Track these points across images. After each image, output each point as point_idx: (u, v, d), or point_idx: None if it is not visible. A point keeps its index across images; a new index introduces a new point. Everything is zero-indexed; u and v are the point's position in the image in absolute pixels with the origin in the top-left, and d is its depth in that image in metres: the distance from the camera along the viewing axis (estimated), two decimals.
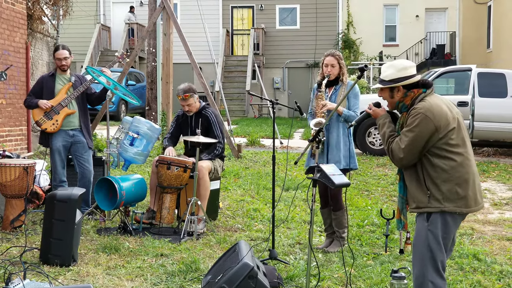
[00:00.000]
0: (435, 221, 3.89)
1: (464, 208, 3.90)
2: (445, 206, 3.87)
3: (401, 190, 4.14)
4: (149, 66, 14.90)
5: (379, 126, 4.15)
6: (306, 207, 8.08)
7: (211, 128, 7.10)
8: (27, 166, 6.56)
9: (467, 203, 3.91)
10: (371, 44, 26.94)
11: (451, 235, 3.97)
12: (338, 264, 5.70)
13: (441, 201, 3.87)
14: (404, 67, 4.04)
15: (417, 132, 3.85)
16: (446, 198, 3.87)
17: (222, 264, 4.89)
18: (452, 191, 3.87)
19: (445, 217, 3.89)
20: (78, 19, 20.56)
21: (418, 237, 3.98)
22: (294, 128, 19.94)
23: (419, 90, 4.01)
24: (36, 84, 7.29)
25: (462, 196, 3.88)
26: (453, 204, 3.87)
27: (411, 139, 3.86)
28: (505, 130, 13.40)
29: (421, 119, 3.84)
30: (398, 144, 3.92)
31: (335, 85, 6.20)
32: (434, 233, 3.89)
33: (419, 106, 3.90)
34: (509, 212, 8.55)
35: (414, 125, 3.86)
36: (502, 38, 23.23)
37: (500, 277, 5.52)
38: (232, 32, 28.28)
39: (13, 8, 10.21)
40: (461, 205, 3.89)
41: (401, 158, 3.92)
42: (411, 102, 4.00)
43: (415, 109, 3.90)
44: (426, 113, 3.85)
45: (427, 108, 3.87)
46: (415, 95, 4.00)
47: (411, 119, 3.89)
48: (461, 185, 3.87)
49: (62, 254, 5.36)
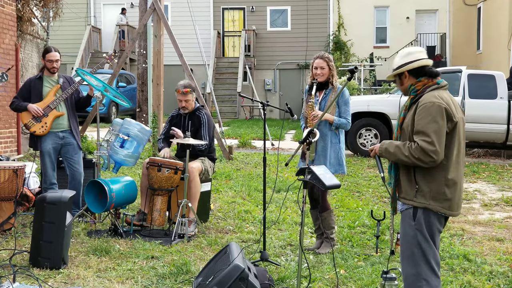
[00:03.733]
0: (420, 220, 3.85)
1: (447, 210, 3.86)
2: (430, 204, 3.82)
3: (394, 173, 4.00)
4: (140, 68, 14.86)
5: (387, 152, 3.92)
6: (297, 208, 8.08)
7: (200, 129, 7.12)
8: (17, 169, 6.53)
9: (451, 206, 3.87)
10: (362, 46, 27.00)
11: (436, 233, 3.91)
12: (329, 265, 5.71)
13: (427, 198, 3.83)
14: (408, 53, 4.01)
15: (434, 118, 3.73)
16: (432, 196, 3.82)
17: (213, 266, 4.89)
18: (440, 190, 3.83)
19: (429, 216, 3.84)
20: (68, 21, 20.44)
21: (406, 237, 3.92)
22: (285, 129, 19.94)
23: (433, 80, 3.93)
24: (23, 87, 7.19)
25: (448, 197, 3.84)
26: (439, 204, 3.83)
27: (434, 129, 3.72)
28: (495, 131, 13.47)
29: (434, 108, 3.75)
30: (424, 141, 3.72)
31: (325, 89, 6.19)
32: (421, 231, 3.85)
33: (427, 97, 3.82)
34: (499, 212, 8.58)
35: (430, 115, 3.75)
36: (492, 40, 23.34)
37: (490, 277, 5.54)
38: (223, 34, 28.28)
39: (2, 10, 10.16)
40: (446, 206, 3.84)
41: (434, 151, 3.70)
42: (422, 89, 3.92)
43: (424, 101, 3.81)
44: (435, 101, 3.77)
45: (435, 97, 3.80)
46: (427, 83, 3.93)
47: (423, 112, 3.77)
48: (449, 187, 3.84)
49: (52, 256, 5.34)
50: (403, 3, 27.50)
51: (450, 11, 27.55)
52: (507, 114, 13.38)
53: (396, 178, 4.02)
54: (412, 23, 27.79)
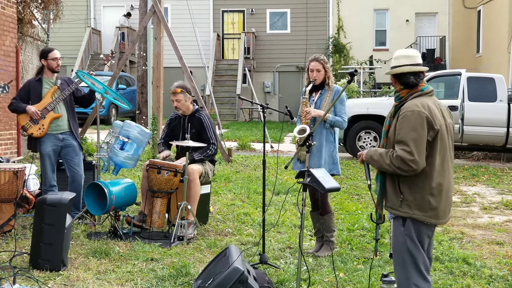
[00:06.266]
0: (410, 227, 3.84)
1: (433, 219, 3.84)
2: (414, 214, 3.81)
3: (380, 182, 4.00)
4: (140, 70, 14.87)
5: (372, 160, 3.93)
6: (297, 211, 8.08)
7: (204, 131, 7.10)
8: (17, 171, 6.53)
9: (437, 214, 3.85)
10: (361, 49, 27.00)
11: (426, 240, 3.91)
12: (328, 268, 5.71)
13: (411, 208, 3.81)
14: (397, 56, 4.00)
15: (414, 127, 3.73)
16: (417, 205, 3.81)
17: (212, 268, 4.89)
18: (425, 199, 3.81)
19: (417, 224, 3.84)
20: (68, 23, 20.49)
21: (396, 242, 3.94)
22: (284, 132, 19.94)
23: (417, 87, 3.91)
24: (22, 88, 7.19)
25: (433, 206, 3.82)
26: (423, 213, 3.81)
27: (413, 138, 3.72)
28: (495, 134, 13.47)
29: (414, 116, 3.74)
30: (403, 150, 3.74)
31: (321, 89, 6.23)
32: (411, 237, 3.85)
33: (409, 105, 3.81)
34: (499, 216, 8.58)
35: (410, 124, 3.74)
36: (491, 43, 23.36)
37: (490, 281, 5.54)
38: (223, 36, 28.29)
39: (3, 12, 10.17)
40: (431, 215, 3.83)
41: (412, 160, 3.71)
42: (406, 96, 3.92)
43: (405, 109, 3.80)
44: (415, 109, 3.76)
45: (417, 105, 3.78)
46: (411, 91, 3.91)
47: (403, 121, 3.77)
48: (434, 195, 3.81)
49: (52, 258, 5.34)
50: (403, 6, 27.52)
51: (449, 14, 27.57)
52: (506, 117, 13.38)
53: (381, 187, 4.01)
54: (411, 26, 27.81)
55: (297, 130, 5.86)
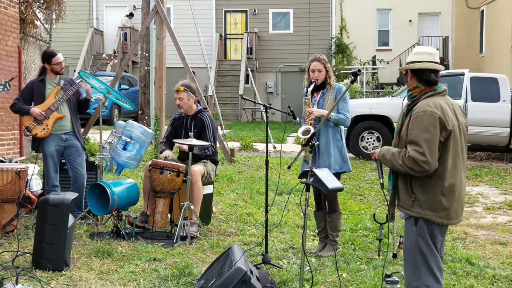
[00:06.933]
0: (422, 227, 3.83)
1: (445, 220, 3.83)
2: (426, 214, 3.80)
3: (392, 181, 3.99)
4: (142, 70, 14.86)
5: (385, 159, 3.92)
6: (299, 211, 8.07)
7: (204, 131, 7.11)
8: (19, 171, 6.53)
9: (449, 215, 3.83)
10: (364, 49, 26.97)
11: (439, 241, 3.89)
12: (331, 268, 5.70)
13: (423, 208, 3.80)
14: (417, 52, 3.96)
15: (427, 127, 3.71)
16: (429, 206, 3.79)
17: (215, 268, 4.89)
18: (437, 200, 3.79)
19: (430, 224, 3.83)
20: (71, 23, 20.51)
21: (408, 242, 3.92)
22: (287, 132, 19.93)
23: (431, 87, 3.89)
24: (25, 89, 7.18)
25: (445, 206, 3.81)
26: (435, 213, 3.80)
27: (425, 139, 3.71)
28: (498, 135, 13.45)
29: (426, 117, 3.73)
30: (415, 151, 3.72)
31: (322, 89, 6.23)
32: (423, 237, 3.84)
33: (421, 105, 3.79)
34: (502, 216, 8.57)
35: (423, 124, 3.72)
36: (494, 43, 23.33)
37: (493, 281, 5.53)
38: (225, 37, 28.28)
39: (5, 12, 10.18)
40: (443, 216, 3.81)
41: (424, 161, 3.70)
42: (418, 95, 3.89)
43: (417, 109, 3.78)
44: (428, 110, 3.74)
45: (430, 105, 3.76)
46: (424, 90, 3.89)
47: (416, 121, 3.76)
48: (446, 196, 3.80)
49: (54, 258, 5.34)
50: (406, 6, 27.48)
51: (453, 14, 27.53)
52: (510, 117, 13.37)
53: (394, 186, 4.00)
54: (414, 26, 27.77)
55: (301, 131, 5.85)
